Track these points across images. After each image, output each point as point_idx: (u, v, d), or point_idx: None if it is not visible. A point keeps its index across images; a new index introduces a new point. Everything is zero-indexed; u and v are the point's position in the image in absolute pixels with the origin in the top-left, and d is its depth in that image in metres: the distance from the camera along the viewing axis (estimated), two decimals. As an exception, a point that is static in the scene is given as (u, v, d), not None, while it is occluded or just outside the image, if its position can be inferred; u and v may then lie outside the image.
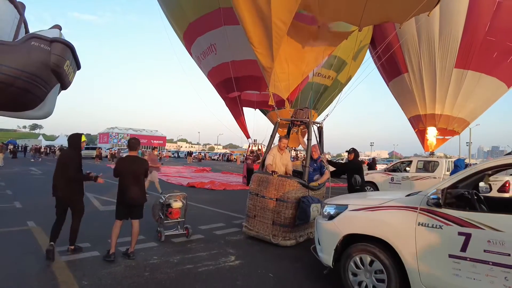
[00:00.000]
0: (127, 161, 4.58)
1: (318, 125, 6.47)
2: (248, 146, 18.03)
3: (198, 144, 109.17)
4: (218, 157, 56.04)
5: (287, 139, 6.32)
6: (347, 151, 6.98)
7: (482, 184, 3.99)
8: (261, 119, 18.54)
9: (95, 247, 4.73)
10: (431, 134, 15.06)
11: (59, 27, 4.99)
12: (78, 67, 5.07)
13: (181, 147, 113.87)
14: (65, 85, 4.97)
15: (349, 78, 15.78)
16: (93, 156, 32.70)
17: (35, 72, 4.06)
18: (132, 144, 4.60)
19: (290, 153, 9.21)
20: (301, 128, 6.84)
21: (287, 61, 7.07)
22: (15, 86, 3.94)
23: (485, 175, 3.66)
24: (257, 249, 5.14)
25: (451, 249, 2.79)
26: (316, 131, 6.40)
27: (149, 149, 69.07)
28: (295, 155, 25.80)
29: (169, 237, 5.39)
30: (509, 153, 3.55)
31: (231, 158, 51.76)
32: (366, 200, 3.93)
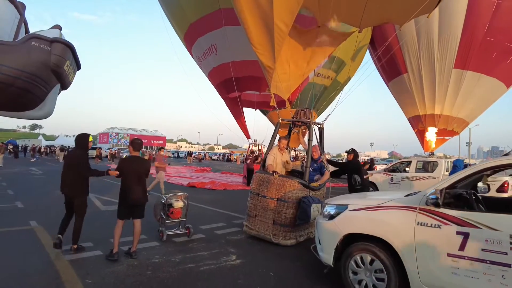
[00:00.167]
0: (130, 161, 4.62)
1: (319, 126, 6.52)
2: (248, 146, 18.05)
3: (198, 144, 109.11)
4: (218, 157, 56.00)
5: (287, 139, 6.36)
6: (346, 151, 7.04)
7: (480, 184, 4.03)
8: (261, 120, 18.56)
9: (98, 247, 4.78)
10: (430, 134, 15.10)
11: (59, 27, 4.99)
12: (78, 67, 5.08)
13: (181, 147, 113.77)
14: (65, 85, 4.98)
15: (349, 78, 15.80)
16: (93, 156, 32.69)
17: (35, 72, 4.05)
18: (136, 144, 4.66)
19: (290, 153, 9.25)
20: (301, 128, 6.88)
21: (288, 61, 7.10)
22: (15, 86, 3.94)
23: (483, 175, 3.71)
24: (257, 249, 5.19)
25: (449, 248, 2.84)
26: (316, 131, 6.45)
27: (149, 149, 68.53)
28: (295, 155, 25.82)
29: (171, 237, 5.43)
30: (507, 154, 3.59)
31: (231, 158, 51.77)
32: (366, 200, 3.97)
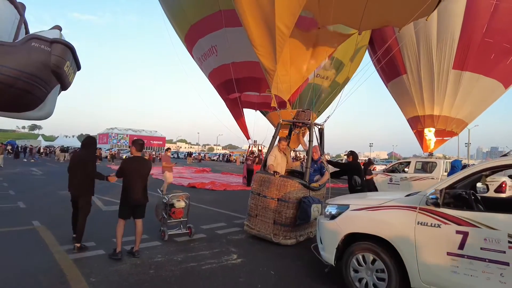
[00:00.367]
0: (133, 161, 4.68)
1: (319, 127, 6.57)
2: (248, 147, 18.07)
3: (197, 144, 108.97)
4: (217, 157, 56.00)
5: (286, 140, 6.41)
6: (345, 154, 7.11)
7: (479, 184, 4.09)
8: (261, 120, 18.57)
9: (100, 246, 4.82)
10: (429, 135, 15.15)
11: (59, 28, 5.00)
12: (78, 67, 5.10)
13: (180, 147, 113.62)
14: (65, 86, 4.99)
15: (347, 79, 15.80)
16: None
17: (35, 73, 4.05)
18: (139, 145, 4.72)
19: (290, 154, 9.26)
20: (302, 129, 6.94)
21: (289, 63, 7.15)
22: (15, 87, 3.94)
23: (482, 175, 3.77)
24: (258, 248, 5.23)
25: (449, 247, 2.89)
26: (317, 132, 6.49)
27: (149, 149, 68.23)
28: (294, 155, 25.86)
29: (172, 236, 5.47)
30: (505, 155, 3.64)
31: (231, 158, 51.75)
32: (367, 200, 4.02)
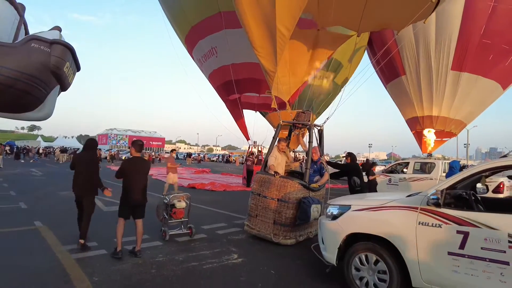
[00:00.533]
0: (132, 162, 4.70)
1: (319, 128, 6.60)
2: (248, 147, 18.08)
3: (197, 145, 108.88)
4: (217, 158, 55.98)
5: (286, 141, 6.44)
6: (343, 156, 7.14)
7: (479, 185, 4.12)
8: (261, 121, 18.59)
9: (102, 246, 4.84)
10: (428, 135, 15.20)
11: (59, 29, 5.01)
12: (78, 68, 5.12)
13: (180, 148, 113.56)
14: (64, 87, 5.00)
15: (346, 80, 15.84)
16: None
17: (35, 73, 4.05)
18: (138, 146, 4.75)
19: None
20: (301, 130, 6.97)
21: (288, 64, 7.18)
22: (14, 87, 3.95)
23: (482, 176, 3.80)
24: (258, 248, 5.26)
25: (450, 247, 2.92)
26: (316, 133, 6.53)
27: (148, 150, 68.26)
28: (294, 156, 25.88)
29: (173, 236, 5.50)
30: (504, 155, 3.68)
31: (230, 159, 51.74)
32: (368, 200, 4.04)
